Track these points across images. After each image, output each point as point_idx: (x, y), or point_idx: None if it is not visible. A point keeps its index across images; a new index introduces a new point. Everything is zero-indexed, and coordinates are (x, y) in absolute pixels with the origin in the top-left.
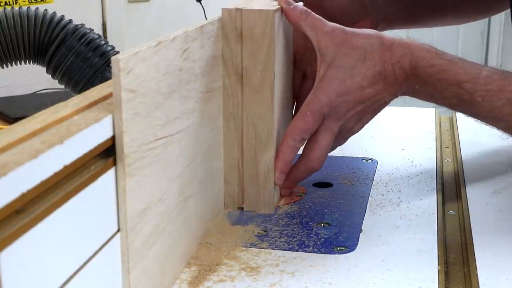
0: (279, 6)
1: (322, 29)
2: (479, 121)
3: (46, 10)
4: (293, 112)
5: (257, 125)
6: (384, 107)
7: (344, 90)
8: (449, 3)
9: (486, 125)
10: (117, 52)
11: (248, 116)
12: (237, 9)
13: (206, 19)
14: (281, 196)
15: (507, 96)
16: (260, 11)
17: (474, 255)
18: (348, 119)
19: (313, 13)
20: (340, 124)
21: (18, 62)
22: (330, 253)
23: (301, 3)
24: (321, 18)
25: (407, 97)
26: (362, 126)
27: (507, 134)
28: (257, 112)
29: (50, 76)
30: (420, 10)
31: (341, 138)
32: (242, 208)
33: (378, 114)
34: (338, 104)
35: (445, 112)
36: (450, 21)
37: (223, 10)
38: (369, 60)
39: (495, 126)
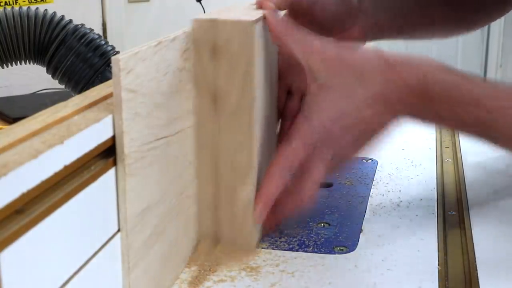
0: (261, 15)
1: (311, 46)
2: (496, 147)
3: (46, 10)
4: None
5: (235, 155)
6: (383, 131)
7: (339, 114)
8: (436, 15)
9: (507, 151)
10: (117, 52)
11: (224, 144)
12: (210, 20)
13: None
14: (264, 233)
15: None
16: (238, 22)
17: (474, 255)
18: (342, 146)
19: (300, 26)
20: (334, 153)
21: (18, 62)
22: (330, 253)
23: (283, 12)
24: (310, 32)
25: None
26: (358, 153)
27: None
28: (234, 140)
29: (50, 76)
30: (408, 20)
31: (334, 166)
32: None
33: None
34: (333, 130)
35: None
36: (437, 33)
37: (194, 21)
38: (367, 79)
39: None
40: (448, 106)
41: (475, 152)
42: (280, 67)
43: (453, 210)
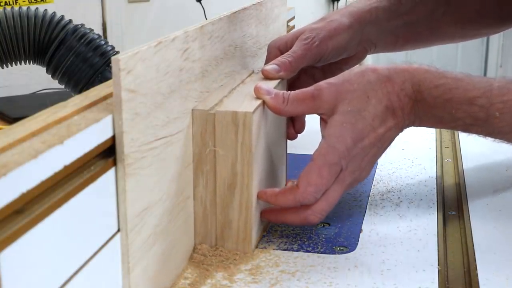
0: (260, 100)
1: (309, 97)
2: (496, 140)
3: (46, 10)
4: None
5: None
6: (390, 145)
7: (359, 135)
8: (424, 29)
9: (507, 143)
10: (117, 52)
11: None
12: (209, 112)
13: (206, 19)
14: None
15: None
16: (235, 113)
17: (474, 255)
18: (363, 168)
19: (291, 93)
20: (354, 176)
21: (18, 62)
22: (330, 253)
23: (272, 83)
24: (301, 89)
25: None
26: (370, 172)
27: None
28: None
29: (50, 76)
30: (400, 38)
31: (350, 188)
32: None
33: None
34: (356, 152)
35: None
36: (431, 42)
37: (194, 111)
38: (373, 98)
39: None
40: (445, 108)
41: (475, 152)
42: None
43: (453, 210)
